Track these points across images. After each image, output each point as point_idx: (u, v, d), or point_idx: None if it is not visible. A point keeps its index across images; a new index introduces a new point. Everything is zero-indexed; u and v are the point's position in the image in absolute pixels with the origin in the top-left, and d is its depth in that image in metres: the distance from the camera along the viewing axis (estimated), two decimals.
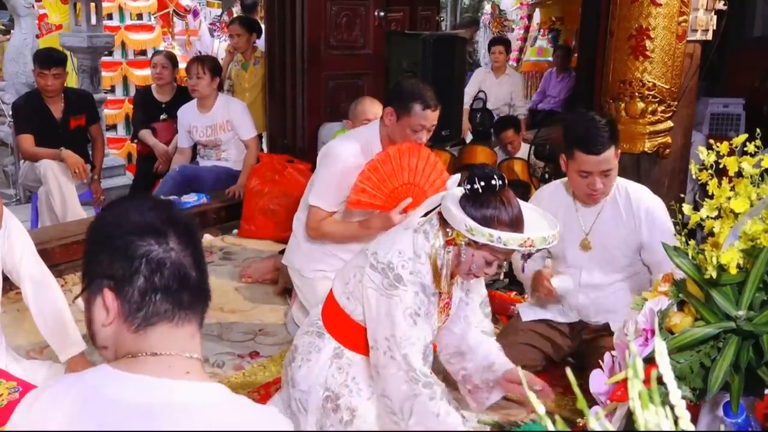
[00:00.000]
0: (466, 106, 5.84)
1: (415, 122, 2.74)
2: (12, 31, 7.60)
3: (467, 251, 1.98)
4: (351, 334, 2.15)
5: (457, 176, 2.10)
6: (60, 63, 4.33)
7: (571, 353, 2.86)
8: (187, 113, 4.70)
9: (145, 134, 5.06)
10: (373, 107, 3.37)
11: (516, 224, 1.93)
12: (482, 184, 1.91)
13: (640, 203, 2.61)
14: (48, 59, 4.30)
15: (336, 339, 2.17)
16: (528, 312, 2.87)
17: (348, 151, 2.85)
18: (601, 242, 2.67)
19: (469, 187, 1.94)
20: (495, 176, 1.93)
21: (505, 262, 2.30)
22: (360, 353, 2.16)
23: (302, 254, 3.05)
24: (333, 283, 2.24)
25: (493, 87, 6.49)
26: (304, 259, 3.04)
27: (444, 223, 2.02)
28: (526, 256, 2.06)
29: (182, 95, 5.18)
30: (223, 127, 4.63)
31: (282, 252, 3.44)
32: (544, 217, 2.08)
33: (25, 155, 4.42)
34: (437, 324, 2.15)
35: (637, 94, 3.23)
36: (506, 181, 1.98)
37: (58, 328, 2.41)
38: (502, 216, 1.92)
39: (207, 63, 4.66)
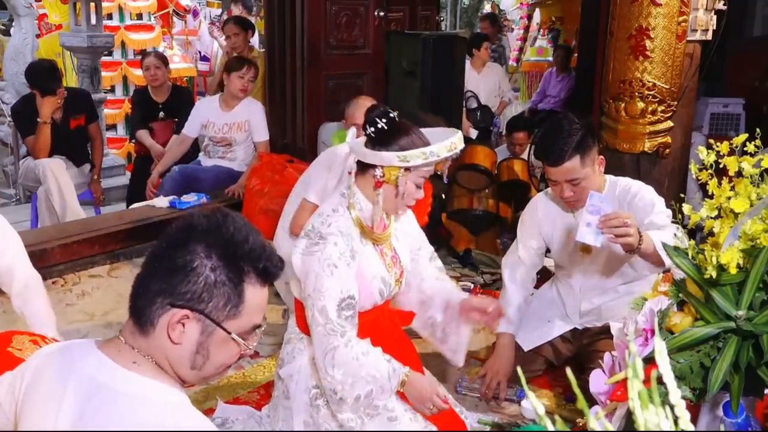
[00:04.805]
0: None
1: None
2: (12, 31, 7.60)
3: (401, 182, 2.06)
4: None
5: (353, 130, 2.24)
6: (59, 80, 4.27)
7: (571, 356, 2.85)
8: (207, 107, 4.66)
9: (143, 135, 5.05)
10: (363, 111, 3.32)
11: (426, 140, 2.07)
12: (384, 121, 2.03)
13: (628, 194, 2.58)
14: (48, 82, 4.22)
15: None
16: (527, 341, 2.80)
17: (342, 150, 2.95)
18: None
19: (373, 129, 2.05)
20: (389, 110, 2.07)
21: None
22: None
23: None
24: (293, 288, 2.26)
25: (479, 82, 6.48)
26: None
27: (362, 173, 2.11)
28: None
29: (178, 94, 5.17)
30: (241, 127, 4.61)
31: None
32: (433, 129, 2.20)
33: (40, 153, 4.36)
34: (390, 277, 2.17)
35: (637, 93, 3.23)
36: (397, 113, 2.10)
37: (43, 332, 2.36)
38: (414, 138, 2.05)
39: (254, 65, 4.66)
